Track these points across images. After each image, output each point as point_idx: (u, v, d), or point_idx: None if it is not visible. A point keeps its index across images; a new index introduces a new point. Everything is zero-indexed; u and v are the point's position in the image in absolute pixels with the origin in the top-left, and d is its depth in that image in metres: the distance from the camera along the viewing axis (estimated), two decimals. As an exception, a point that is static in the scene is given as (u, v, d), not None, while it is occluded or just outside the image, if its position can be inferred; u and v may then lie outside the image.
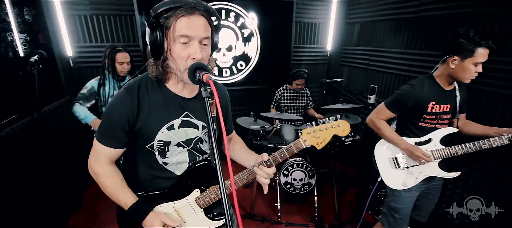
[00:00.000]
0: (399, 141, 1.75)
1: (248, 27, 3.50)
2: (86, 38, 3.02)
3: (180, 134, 1.08)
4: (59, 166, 2.48)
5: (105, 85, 2.37)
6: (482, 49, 1.46)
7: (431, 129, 1.72)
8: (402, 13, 2.81)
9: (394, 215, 1.89)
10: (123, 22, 3.11)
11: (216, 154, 0.75)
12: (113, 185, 1.07)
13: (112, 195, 1.07)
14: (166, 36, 0.91)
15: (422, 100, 1.65)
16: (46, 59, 2.12)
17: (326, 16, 3.81)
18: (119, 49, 2.34)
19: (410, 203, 1.85)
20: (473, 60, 1.49)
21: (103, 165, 1.06)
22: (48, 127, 2.37)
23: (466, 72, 1.54)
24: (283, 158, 1.10)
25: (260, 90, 3.81)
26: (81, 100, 2.38)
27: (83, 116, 2.35)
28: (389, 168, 1.85)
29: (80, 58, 3.05)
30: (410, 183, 1.79)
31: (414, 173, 1.78)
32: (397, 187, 1.82)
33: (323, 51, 4.01)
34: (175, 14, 0.87)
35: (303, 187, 2.79)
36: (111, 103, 1.03)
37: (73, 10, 2.88)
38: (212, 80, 0.78)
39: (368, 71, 3.39)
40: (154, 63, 0.98)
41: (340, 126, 1.11)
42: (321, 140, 1.11)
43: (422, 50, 2.60)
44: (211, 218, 1.19)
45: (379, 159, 1.87)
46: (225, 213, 0.69)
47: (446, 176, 1.76)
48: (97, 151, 1.06)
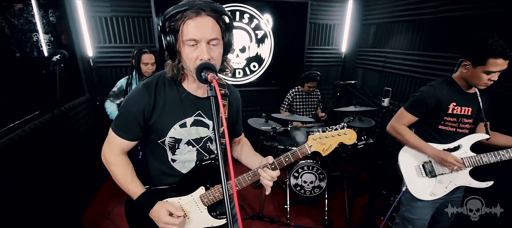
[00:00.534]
0: (425, 147, 1.65)
1: (262, 28, 3.52)
2: (106, 39, 3.14)
3: (192, 132, 1.11)
4: (76, 161, 2.60)
5: (132, 84, 2.51)
6: (496, 59, 1.39)
7: (452, 133, 1.64)
8: (420, 14, 2.73)
9: (408, 226, 1.79)
10: (140, 24, 3.21)
11: (219, 152, 0.77)
12: (123, 175, 1.11)
13: (122, 184, 1.11)
14: (177, 39, 0.94)
15: (443, 101, 1.59)
16: (67, 59, 2.23)
17: (341, 17, 3.75)
18: (145, 51, 2.48)
19: (425, 215, 1.75)
20: (484, 69, 1.43)
21: (115, 154, 1.11)
22: (67, 123, 2.49)
23: (477, 79, 1.48)
24: (288, 162, 1.10)
25: (272, 92, 3.81)
26: (112, 98, 2.58)
27: (110, 111, 2.53)
28: (415, 176, 1.73)
29: (100, 58, 3.18)
30: (439, 193, 1.68)
31: (443, 182, 1.67)
32: (425, 197, 1.70)
33: (338, 53, 3.95)
34: (182, 17, 0.90)
35: (313, 189, 2.77)
36: (129, 97, 1.08)
37: (94, 12, 3.01)
38: (215, 80, 0.80)
39: (383, 73, 3.31)
40: (171, 65, 1.02)
41: (347, 134, 1.11)
42: (327, 146, 1.12)
43: (439, 53, 2.51)
44: (214, 216, 1.21)
45: (403, 167, 1.75)
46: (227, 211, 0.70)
47: (478, 185, 1.63)
48: (111, 141, 1.10)
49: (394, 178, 1.78)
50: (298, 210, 2.86)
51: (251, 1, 3.38)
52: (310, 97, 3.35)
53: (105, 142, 1.13)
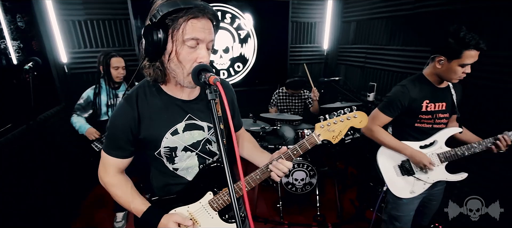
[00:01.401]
0: (402, 148, 1.66)
1: (244, 28, 3.49)
2: (81, 43, 2.97)
3: (186, 138, 1.06)
4: (56, 174, 2.44)
5: (100, 94, 2.33)
6: (470, 51, 1.40)
7: (429, 129, 1.67)
8: (398, 10, 2.82)
9: (395, 224, 1.82)
10: (118, 27, 3.07)
11: (224, 157, 0.74)
12: (124, 194, 1.07)
13: (123, 203, 1.08)
14: (173, 37, 0.87)
15: (416, 99, 1.59)
16: (40, 66, 2.07)
17: (321, 15, 3.81)
18: (113, 54, 2.29)
19: (411, 211, 1.78)
20: (460, 62, 1.43)
21: (111, 175, 1.07)
22: (44, 134, 2.32)
23: (452, 74, 1.49)
24: (296, 154, 1.07)
25: (259, 91, 3.79)
26: (78, 111, 2.35)
27: (78, 126, 2.32)
28: (394, 176, 1.74)
29: (75, 64, 3.00)
30: (419, 190, 1.71)
31: (421, 179, 1.70)
32: (405, 196, 1.72)
33: (320, 51, 4.01)
34: (185, 15, 0.84)
35: (304, 186, 2.78)
36: (113, 115, 1.02)
37: (67, 16, 2.84)
38: (219, 82, 0.76)
39: (365, 69, 3.40)
40: (150, 65, 0.94)
41: (357, 117, 1.04)
42: (336, 133, 1.06)
43: (419, 47, 2.62)
44: (225, 220, 1.17)
45: (383, 168, 1.76)
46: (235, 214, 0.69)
47: (453, 179, 1.68)
48: (105, 162, 1.06)
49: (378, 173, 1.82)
50: (291, 208, 2.86)
51: (233, 1, 3.34)
52: (295, 98, 3.37)
53: (100, 164, 1.09)
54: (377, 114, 1.71)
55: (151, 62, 0.94)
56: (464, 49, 1.40)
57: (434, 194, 1.79)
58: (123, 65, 2.34)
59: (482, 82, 2.05)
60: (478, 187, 2.12)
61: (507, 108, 1.94)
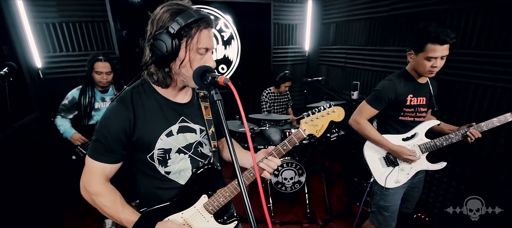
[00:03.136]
0: (384, 142, 1.76)
1: (227, 30, 3.49)
2: (56, 47, 2.82)
3: (179, 140, 1.07)
4: (35, 185, 2.28)
5: (86, 94, 2.21)
6: (432, 45, 1.48)
7: (411, 122, 1.78)
8: (375, 12, 2.97)
9: (383, 213, 1.91)
10: (96, 29, 2.95)
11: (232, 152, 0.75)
12: (112, 204, 1.01)
13: (112, 214, 1.01)
14: (187, 46, 0.92)
15: (401, 94, 1.70)
16: (16, 72, 1.94)
17: (302, 17, 3.92)
18: (99, 58, 2.19)
19: (397, 200, 1.89)
20: (425, 55, 1.53)
21: (99, 183, 1.00)
22: (20, 144, 2.17)
23: (421, 67, 1.60)
24: (285, 149, 1.14)
25: (245, 93, 3.81)
26: (63, 112, 2.23)
27: (63, 130, 2.20)
28: (380, 167, 1.85)
29: (51, 69, 2.84)
30: (403, 180, 1.81)
31: (405, 169, 1.81)
32: (391, 185, 1.82)
33: (302, 52, 4.12)
34: (198, 25, 0.90)
35: (293, 185, 2.83)
36: (104, 117, 0.98)
37: (40, 18, 2.68)
38: (230, 82, 0.78)
39: (345, 69, 3.54)
40: (157, 71, 0.96)
41: (335, 111, 1.17)
42: (319, 127, 1.17)
43: (395, 47, 2.78)
44: (221, 223, 1.17)
45: (369, 160, 1.87)
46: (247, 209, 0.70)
47: (434, 167, 1.80)
48: (92, 169, 0.99)
49: (365, 165, 1.91)
50: (281, 207, 2.90)
51: (215, 3, 3.34)
52: (282, 97, 3.43)
53: (83, 173, 1.01)
54: (365, 106, 1.79)
55: (159, 68, 0.96)
56: (427, 42, 1.51)
57: (416, 183, 1.91)
58: (107, 71, 2.22)
59: (453, 78, 2.22)
60: (459, 177, 2.29)
61: (471, 104, 2.12)
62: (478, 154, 2.12)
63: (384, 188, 1.85)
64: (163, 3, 0.93)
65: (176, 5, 0.91)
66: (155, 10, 0.93)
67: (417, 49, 1.57)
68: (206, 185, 1.15)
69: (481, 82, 2.05)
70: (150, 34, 0.92)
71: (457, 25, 2.15)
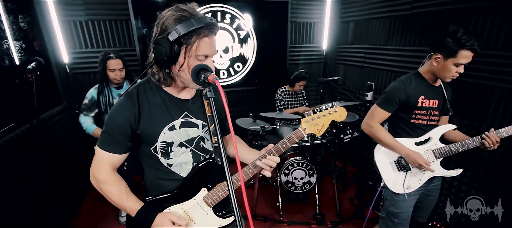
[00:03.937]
0: (399, 146, 1.69)
1: (244, 28, 3.52)
2: (82, 44, 3.00)
3: (182, 134, 1.11)
4: (58, 173, 2.46)
5: (104, 93, 2.33)
6: (465, 51, 1.45)
7: (424, 126, 1.70)
8: (395, 11, 2.85)
9: (393, 220, 1.84)
10: (119, 27, 3.10)
11: (222, 149, 0.79)
12: (118, 192, 1.07)
13: (117, 202, 1.08)
14: (186, 53, 0.95)
15: (412, 95, 1.64)
16: (43, 66, 2.10)
17: (320, 15, 3.84)
18: (111, 56, 2.24)
19: (409, 207, 1.80)
20: (455, 61, 1.49)
21: (106, 172, 1.07)
22: (46, 134, 2.35)
23: (447, 72, 1.54)
24: (285, 147, 1.13)
25: (258, 91, 3.82)
26: (85, 111, 2.37)
27: (85, 126, 2.34)
28: (391, 171, 1.78)
29: (77, 64, 3.03)
30: (414, 186, 1.74)
31: (417, 175, 1.73)
32: (402, 191, 1.75)
33: (319, 51, 4.04)
34: (198, 34, 0.92)
35: (304, 185, 2.81)
36: (113, 110, 1.06)
37: (68, 16, 2.86)
38: (217, 80, 0.83)
39: (363, 69, 3.43)
40: (158, 71, 1.02)
41: (337, 111, 1.13)
42: (320, 126, 1.15)
43: (416, 47, 2.65)
44: (220, 216, 1.20)
45: (379, 164, 1.80)
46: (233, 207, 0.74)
47: (448, 174, 1.71)
48: (100, 158, 1.07)
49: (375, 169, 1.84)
50: (290, 206, 2.89)
51: (232, 1, 3.37)
52: (297, 96, 3.40)
53: (93, 162, 1.09)
54: (376, 109, 1.74)
55: (161, 69, 1.01)
56: (460, 49, 1.46)
57: (431, 190, 1.81)
58: (120, 67, 2.29)
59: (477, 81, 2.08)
60: (478, 186, 2.16)
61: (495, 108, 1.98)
62: (500, 162, 1.98)
63: (394, 194, 1.78)
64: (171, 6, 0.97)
65: (180, 11, 0.93)
66: (163, 11, 0.97)
67: (448, 54, 1.50)
68: (206, 179, 1.18)
69: (507, 85, 1.91)
70: (154, 36, 0.97)
71: (482, 25, 2.01)
